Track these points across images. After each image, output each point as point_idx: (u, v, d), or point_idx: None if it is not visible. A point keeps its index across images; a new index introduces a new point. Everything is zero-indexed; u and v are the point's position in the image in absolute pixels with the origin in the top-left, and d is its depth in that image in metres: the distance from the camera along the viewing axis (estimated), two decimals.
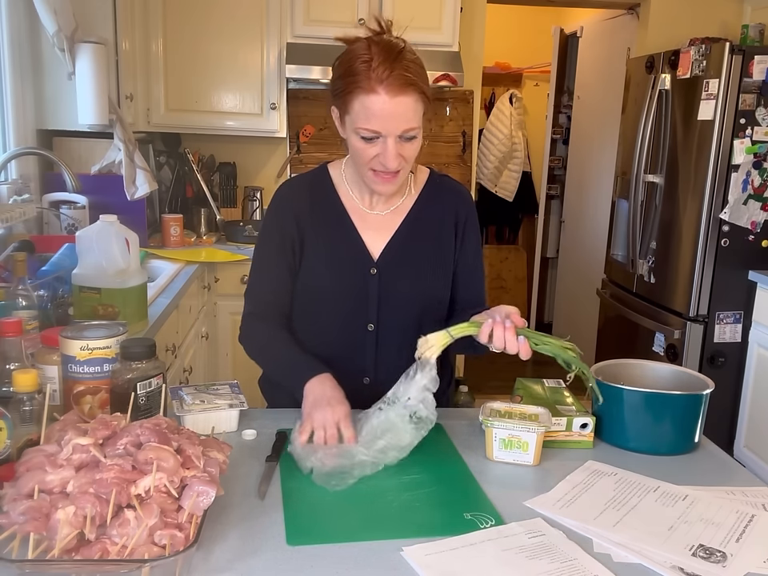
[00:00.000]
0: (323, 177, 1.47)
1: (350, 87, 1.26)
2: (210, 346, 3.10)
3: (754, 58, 2.99)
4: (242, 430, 1.30)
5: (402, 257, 1.43)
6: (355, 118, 1.27)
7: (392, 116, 1.25)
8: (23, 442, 1.04)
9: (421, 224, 1.45)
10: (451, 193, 1.50)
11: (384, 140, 1.27)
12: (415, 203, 1.46)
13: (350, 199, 1.45)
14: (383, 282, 1.41)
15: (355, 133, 1.29)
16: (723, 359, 3.24)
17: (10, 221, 2.16)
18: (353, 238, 1.43)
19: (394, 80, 1.23)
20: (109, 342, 1.22)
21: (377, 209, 1.45)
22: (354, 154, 1.34)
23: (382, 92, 1.23)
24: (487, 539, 0.99)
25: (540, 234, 5.28)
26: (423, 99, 1.28)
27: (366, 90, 1.24)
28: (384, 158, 1.28)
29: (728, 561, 0.96)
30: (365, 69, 1.24)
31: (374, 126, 1.25)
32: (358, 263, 1.42)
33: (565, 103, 5.25)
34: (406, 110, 1.25)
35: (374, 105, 1.24)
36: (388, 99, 1.23)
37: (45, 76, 2.59)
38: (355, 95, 1.25)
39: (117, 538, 0.85)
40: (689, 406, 1.31)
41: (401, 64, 1.24)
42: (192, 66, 3.24)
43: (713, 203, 3.12)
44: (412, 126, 1.27)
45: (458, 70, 3.28)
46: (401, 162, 1.30)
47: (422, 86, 1.27)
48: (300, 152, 3.60)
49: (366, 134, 1.27)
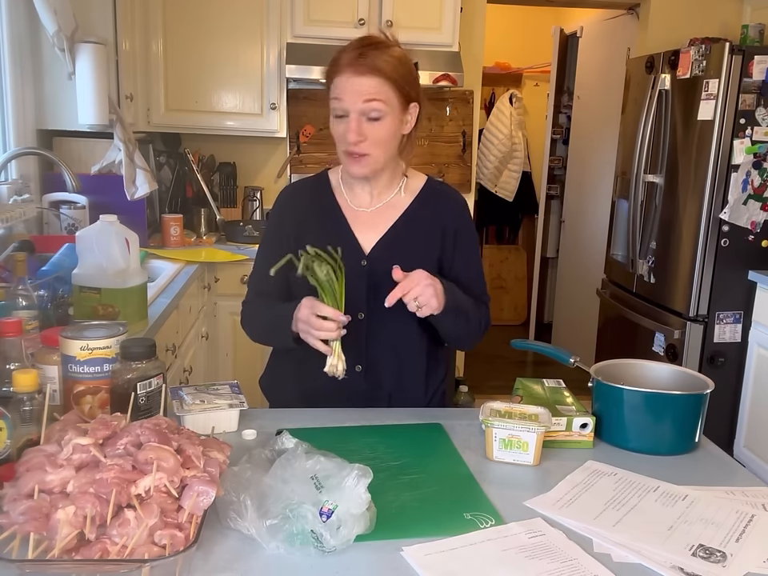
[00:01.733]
0: (323, 180, 1.58)
1: (331, 71, 1.40)
2: (210, 346, 3.10)
3: (753, 58, 2.99)
4: (242, 429, 1.30)
5: (392, 252, 1.49)
6: (331, 94, 1.41)
7: (354, 92, 1.36)
8: (23, 442, 1.04)
9: (412, 226, 1.52)
10: (443, 198, 1.57)
11: (347, 117, 1.38)
12: (410, 206, 1.54)
13: (343, 199, 1.54)
14: (373, 274, 1.47)
15: (332, 113, 1.41)
16: (723, 359, 3.24)
17: (10, 221, 2.16)
18: (345, 232, 1.51)
19: (360, 64, 1.36)
20: (109, 342, 1.22)
21: (363, 206, 1.53)
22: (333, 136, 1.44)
23: (348, 71, 1.36)
24: (487, 539, 0.99)
25: (540, 233, 5.28)
26: (392, 86, 1.38)
27: (338, 71, 1.38)
28: (346, 133, 1.39)
29: (728, 561, 0.96)
30: (343, 56, 1.38)
31: (339, 96, 1.38)
32: (349, 255, 1.47)
33: (565, 103, 5.25)
34: (368, 88, 1.36)
35: (340, 82, 1.38)
36: (351, 76, 1.36)
37: (45, 76, 2.58)
38: (331, 77, 1.40)
39: (117, 537, 0.85)
40: (689, 406, 1.31)
41: (375, 53, 1.37)
42: (192, 66, 3.23)
43: (713, 203, 3.12)
44: (373, 103, 1.37)
45: (458, 70, 3.28)
46: (365, 141, 1.39)
47: (390, 73, 1.37)
48: (300, 152, 3.60)
49: (334, 104, 1.39)
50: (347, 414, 1.40)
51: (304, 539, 0.93)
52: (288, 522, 0.93)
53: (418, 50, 3.30)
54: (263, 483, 0.99)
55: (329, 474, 0.99)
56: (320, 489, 0.97)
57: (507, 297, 5.78)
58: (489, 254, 5.76)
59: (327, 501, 0.94)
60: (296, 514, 0.93)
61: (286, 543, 0.93)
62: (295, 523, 0.93)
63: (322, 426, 1.36)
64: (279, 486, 0.98)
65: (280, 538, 0.93)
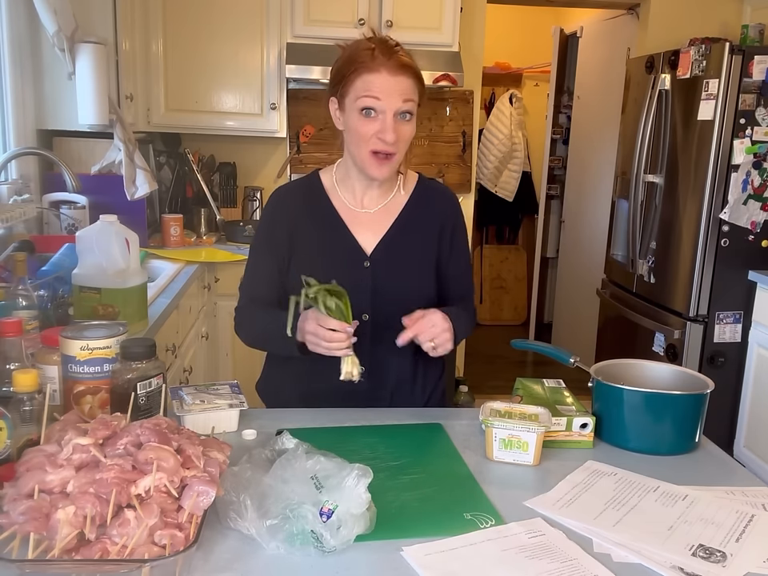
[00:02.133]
0: (314, 182, 1.55)
1: (354, 68, 1.37)
2: (210, 346, 3.10)
3: (753, 58, 2.99)
4: (242, 429, 1.30)
5: (393, 253, 1.49)
6: (356, 95, 1.37)
7: (392, 91, 1.35)
8: (23, 442, 1.04)
9: (410, 224, 1.52)
10: (439, 196, 1.58)
11: (383, 116, 1.36)
12: (405, 205, 1.54)
13: (340, 201, 1.52)
14: (376, 275, 1.47)
15: (356, 110, 1.38)
16: (723, 359, 3.24)
17: (10, 221, 2.16)
18: (345, 234, 1.49)
19: (394, 62, 1.36)
20: (109, 342, 1.22)
21: (366, 207, 1.52)
22: (354, 135, 1.41)
23: (383, 71, 1.35)
24: (487, 539, 0.99)
25: (540, 234, 5.28)
26: (419, 86, 1.40)
27: (370, 69, 1.36)
28: (383, 132, 1.36)
29: (728, 561, 0.96)
30: (368, 55, 1.36)
31: (376, 94, 1.35)
32: (352, 257, 1.48)
33: (565, 103, 5.25)
34: (405, 88, 1.37)
35: (376, 80, 1.36)
36: (389, 77, 1.35)
37: (45, 76, 2.58)
38: (358, 74, 1.37)
39: (117, 537, 0.85)
40: (689, 406, 1.31)
41: (398, 54, 1.38)
42: (192, 66, 3.23)
43: (713, 203, 3.12)
44: (408, 104, 1.38)
45: (458, 70, 3.28)
46: (397, 141, 1.38)
47: (418, 71, 1.40)
48: (300, 152, 3.60)
49: (368, 103, 1.36)
50: (347, 413, 1.40)
51: (304, 539, 0.93)
52: (288, 522, 0.93)
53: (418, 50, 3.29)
54: (263, 483, 0.99)
55: (329, 473, 0.99)
56: (320, 489, 0.97)
57: (507, 297, 5.77)
58: (489, 254, 5.76)
59: (327, 501, 0.94)
60: (296, 514, 0.93)
61: (286, 543, 0.93)
62: (295, 523, 0.93)
63: (322, 426, 1.36)
64: (279, 485, 0.98)
65: (280, 538, 0.93)
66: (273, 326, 1.43)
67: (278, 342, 1.42)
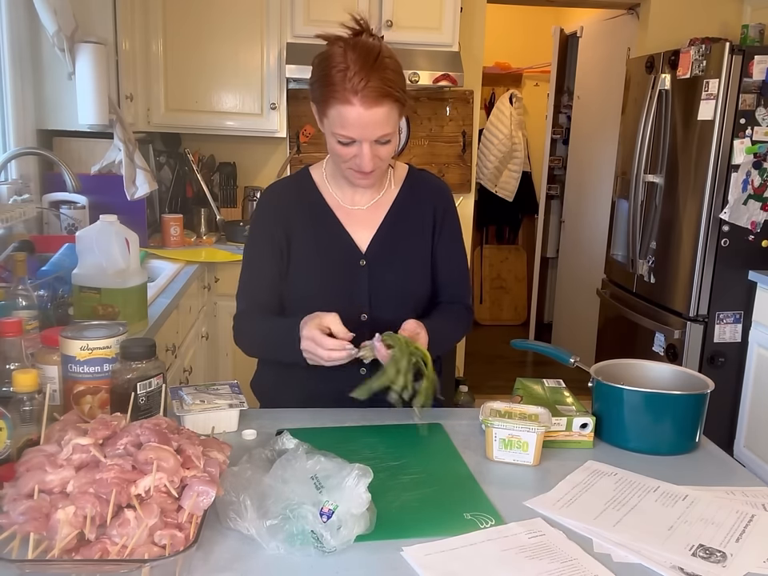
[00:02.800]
0: (305, 179, 1.54)
1: (326, 96, 1.30)
2: (210, 346, 3.10)
3: (753, 58, 2.99)
4: (242, 429, 1.30)
5: (388, 249, 1.49)
6: (332, 124, 1.32)
7: (367, 125, 1.30)
8: (23, 442, 1.04)
9: (403, 218, 1.51)
10: (429, 187, 1.56)
11: (360, 144, 1.32)
12: (396, 198, 1.52)
13: (332, 197, 1.51)
14: (373, 273, 1.47)
15: (332, 136, 1.35)
16: (723, 359, 3.24)
17: (10, 221, 2.16)
18: (339, 232, 1.48)
19: (369, 91, 1.26)
20: (109, 342, 1.22)
21: (358, 204, 1.51)
22: (333, 153, 1.40)
23: (357, 103, 1.27)
24: (487, 539, 0.99)
25: (540, 233, 5.28)
26: (398, 105, 1.33)
27: (341, 101, 1.28)
28: (360, 161, 1.35)
29: (728, 561, 0.96)
30: (341, 79, 1.27)
31: (350, 134, 1.31)
32: (347, 256, 1.47)
33: (565, 103, 5.25)
34: (381, 119, 1.30)
35: (349, 114, 1.28)
36: (363, 111, 1.28)
37: (45, 76, 2.59)
38: (331, 105, 1.30)
39: (117, 537, 0.85)
40: (689, 406, 1.31)
41: (377, 73, 1.27)
42: (192, 66, 3.23)
43: (713, 203, 3.12)
44: (386, 131, 1.33)
45: (458, 69, 3.28)
46: (376, 163, 1.36)
47: (396, 93, 1.31)
48: (300, 152, 3.60)
49: (343, 140, 1.33)
50: (347, 413, 1.40)
51: (304, 539, 0.93)
52: (288, 523, 0.93)
53: (418, 50, 3.31)
54: (263, 483, 0.99)
55: (329, 473, 0.99)
56: (320, 489, 0.97)
57: (507, 297, 5.78)
58: (489, 254, 5.76)
59: (327, 501, 0.93)
60: (296, 515, 0.93)
61: (286, 543, 0.93)
62: (295, 523, 0.93)
63: (322, 426, 1.36)
64: (279, 486, 0.98)
65: (280, 538, 0.93)
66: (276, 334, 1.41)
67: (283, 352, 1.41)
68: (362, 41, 1.32)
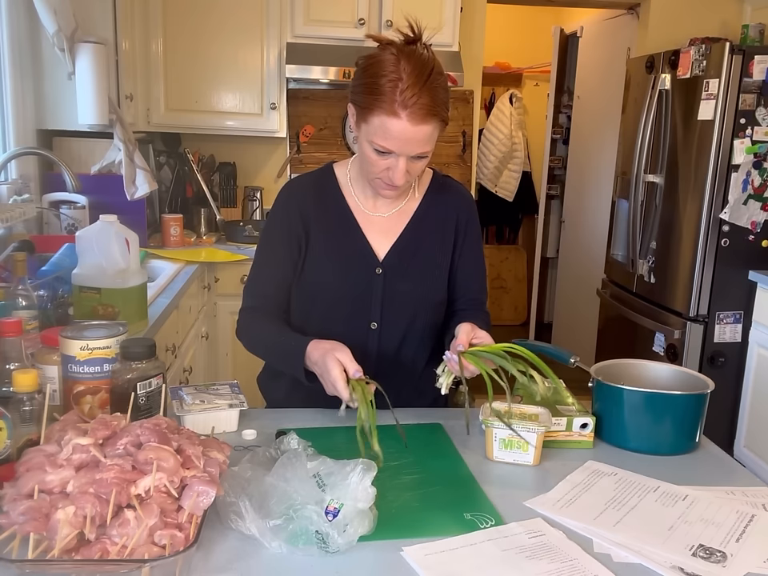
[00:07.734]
0: (329, 176, 1.49)
1: (372, 104, 1.25)
2: (210, 346, 3.10)
3: (753, 58, 2.99)
4: (242, 429, 1.30)
5: (406, 258, 1.45)
6: (372, 132, 1.27)
7: (409, 141, 1.25)
8: (23, 442, 1.04)
9: (424, 226, 1.47)
10: (453, 195, 1.52)
11: (396, 158, 1.28)
12: (419, 206, 1.49)
13: (353, 200, 1.47)
14: (388, 282, 1.43)
15: (369, 143, 1.29)
16: (723, 359, 3.24)
17: (10, 221, 2.16)
18: (358, 238, 1.44)
19: (418, 108, 1.22)
20: (109, 342, 1.22)
21: (380, 211, 1.47)
22: (364, 160, 1.35)
23: (404, 117, 1.23)
24: (487, 539, 0.99)
25: (540, 234, 5.28)
26: (442, 125, 1.29)
27: (389, 113, 1.23)
28: (393, 175, 1.30)
29: (728, 561, 0.96)
30: (391, 89, 1.22)
31: (390, 146, 1.27)
32: (364, 262, 1.43)
33: (565, 103, 5.25)
34: (424, 137, 1.26)
35: (393, 127, 1.24)
36: (409, 126, 1.23)
37: (45, 76, 2.58)
38: (377, 114, 1.25)
39: (117, 537, 0.85)
40: (689, 406, 1.31)
41: (428, 91, 1.23)
42: (192, 66, 3.24)
43: (713, 203, 3.12)
44: (426, 150, 1.29)
45: (458, 69, 3.28)
46: (408, 178, 1.32)
47: (443, 114, 1.27)
48: (300, 152, 3.60)
49: (382, 148, 1.27)
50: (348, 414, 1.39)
51: (307, 540, 0.93)
52: (291, 523, 0.93)
53: None
54: (265, 483, 0.99)
55: (331, 471, 0.99)
56: (322, 487, 0.96)
57: (507, 297, 5.78)
58: (489, 254, 5.76)
59: (333, 500, 0.93)
60: (299, 515, 0.93)
61: (289, 544, 0.93)
62: (299, 524, 0.93)
63: (323, 425, 1.36)
64: (281, 485, 0.98)
65: (283, 538, 0.93)
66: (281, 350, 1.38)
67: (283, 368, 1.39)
68: (417, 52, 1.27)
